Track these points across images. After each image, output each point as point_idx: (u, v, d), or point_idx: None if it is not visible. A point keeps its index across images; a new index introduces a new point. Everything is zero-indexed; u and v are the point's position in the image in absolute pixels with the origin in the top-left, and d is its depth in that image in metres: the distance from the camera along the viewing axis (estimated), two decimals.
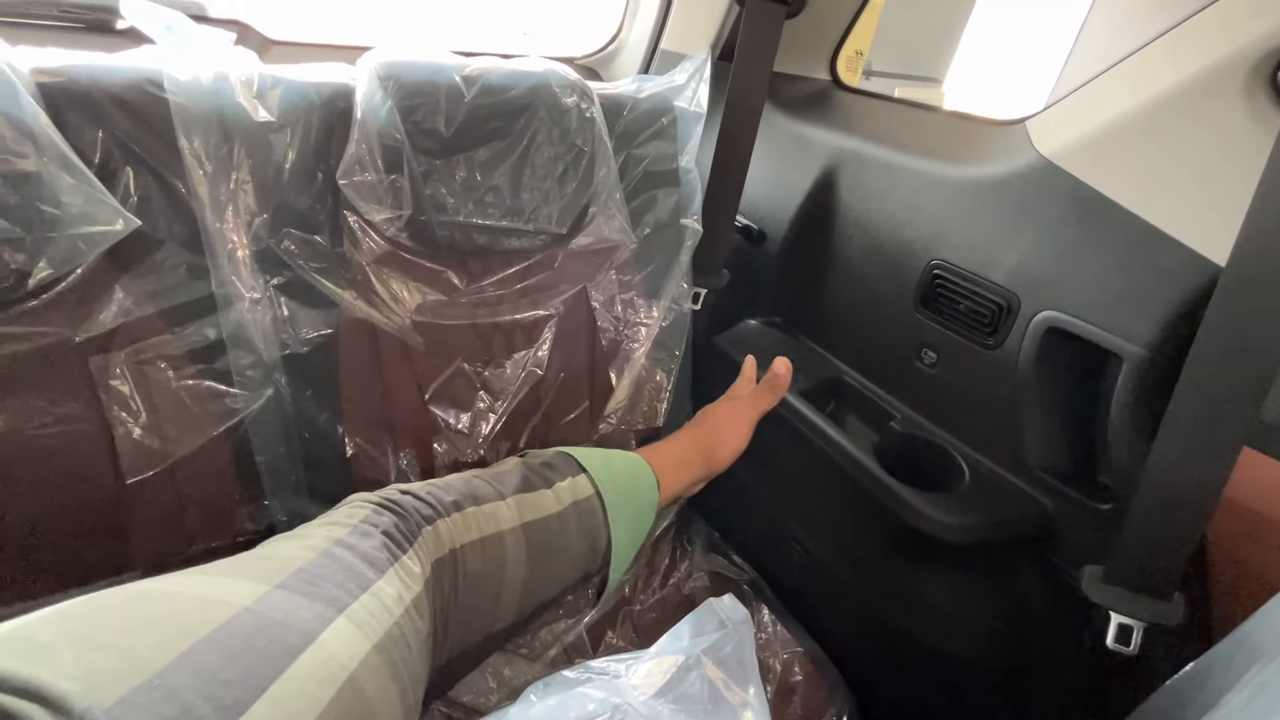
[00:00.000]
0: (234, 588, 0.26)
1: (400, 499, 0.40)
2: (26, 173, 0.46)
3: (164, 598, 0.25)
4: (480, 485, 0.45)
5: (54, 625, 0.21)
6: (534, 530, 0.45)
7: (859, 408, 0.79)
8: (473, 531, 0.41)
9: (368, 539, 0.34)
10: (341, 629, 0.26)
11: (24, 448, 0.52)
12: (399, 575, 0.33)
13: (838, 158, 0.77)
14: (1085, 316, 0.55)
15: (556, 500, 0.47)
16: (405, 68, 0.60)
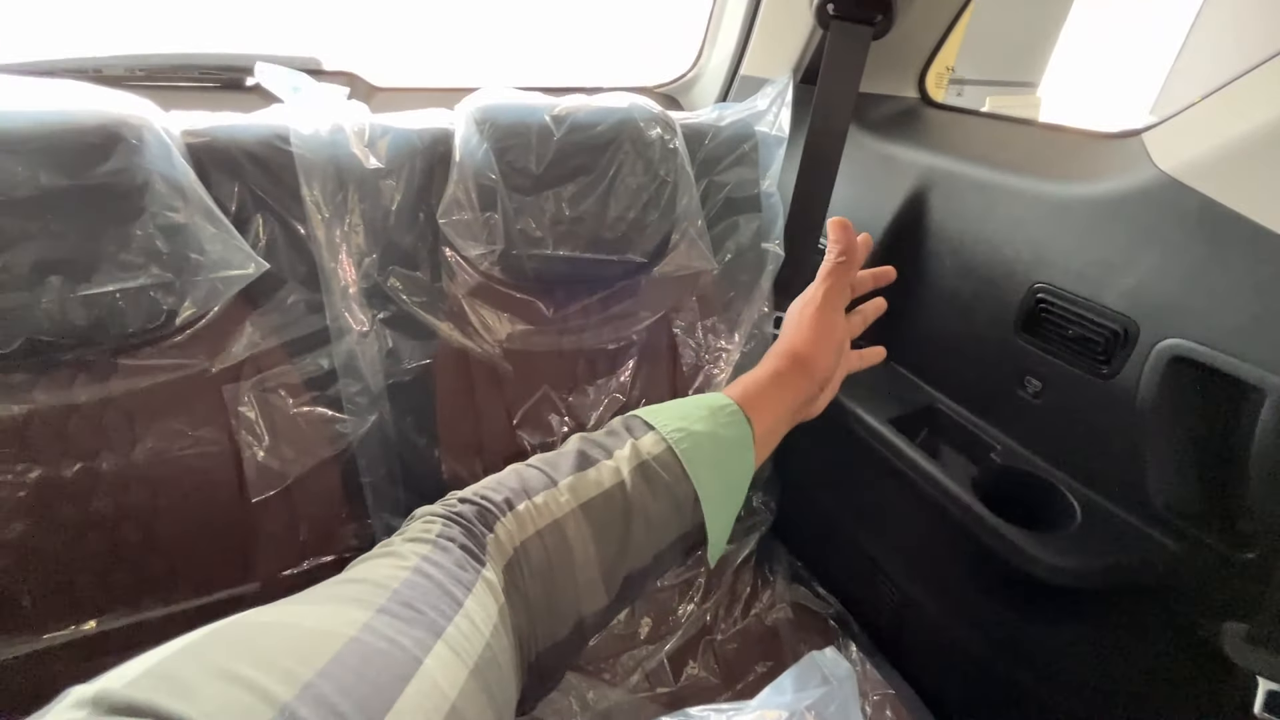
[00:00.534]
0: (340, 616, 0.28)
1: (462, 508, 0.40)
2: (178, 224, 0.51)
3: (282, 628, 0.27)
4: (532, 475, 0.43)
5: (193, 661, 0.24)
6: (594, 508, 0.42)
7: (955, 438, 0.75)
8: (528, 527, 0.40)
9: (448, 554, 0.35)
10: (441, 655, 0.28)
11: (169, 466, 0.58)
12: (483, 591, 0.34)
13: (928, 177, 0.75)
14: (1218, 345, 0.50)
15: (616, 470, 0.44)
16: (499, 111, 0.63)
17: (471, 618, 0.32)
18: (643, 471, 0.44)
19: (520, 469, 0.45)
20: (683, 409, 0.48)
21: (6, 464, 0.53)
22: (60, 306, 0.49)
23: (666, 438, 0.45)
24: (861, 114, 0.83)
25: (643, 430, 0.46)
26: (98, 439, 0.56)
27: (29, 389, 0.53)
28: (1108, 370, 0.58)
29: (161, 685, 0.21)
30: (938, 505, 0.67)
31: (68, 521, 0.56)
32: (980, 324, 0.70)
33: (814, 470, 0.91)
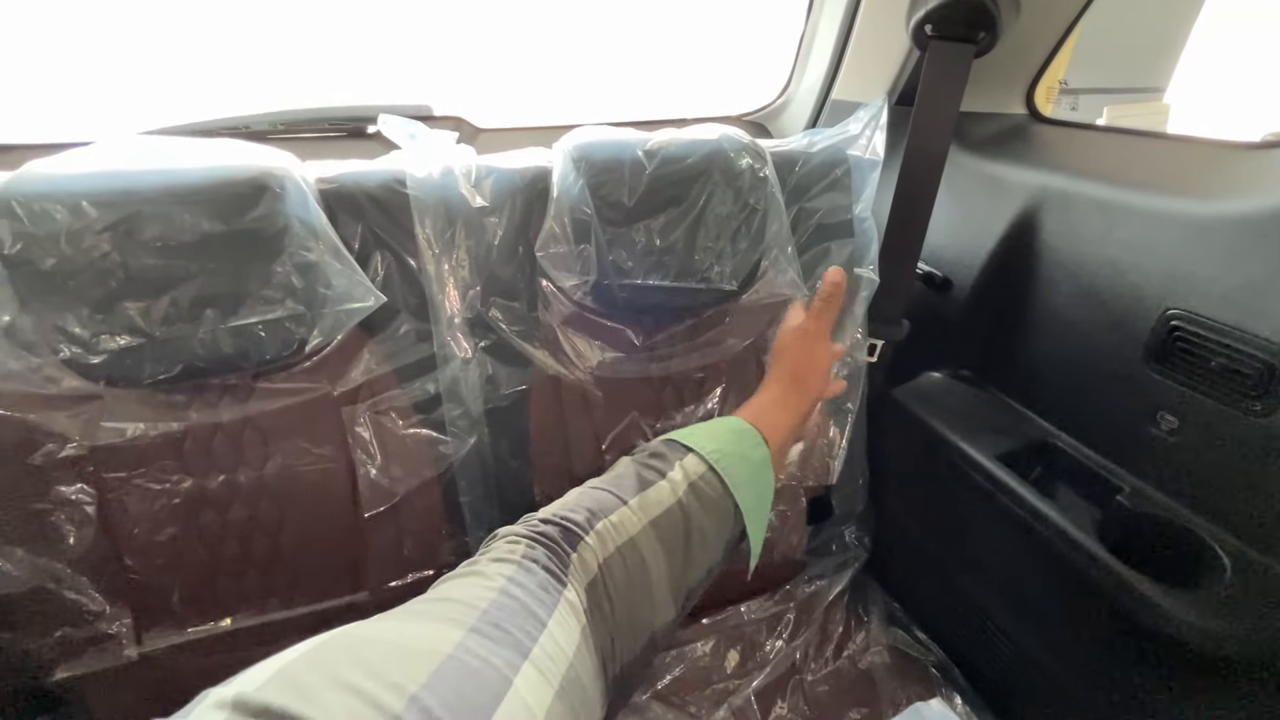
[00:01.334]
0: (436, 634, 0.29)
1: (545, 529, 0.42)
2: (311, 262, 0.57)
3: (385, 643, 0.29)
4: (602, 496, 0.47)
5: (313, 668, 0.26)
6: (662, 525, 0.46)
7: (1074, 477, 0.69)
8: (609, 545, 0.43)
9: (532, 575, 0.37)
10: (529, 676, 0.29)
11: (294, 481, 0.64)
12: (565, 612, 0.36)
13: (1038, 197, 0.70)
14: None
15: (673, 490, 0.48)
16: (594, 148, 0.66)
17: (555, 639, 0.33)
18: (694, 490, 0.48)
19: (588, 490, 0.48)
20: (710, 432, 0.53)
21: (165, 474, 0.60)
22: (213, 336, 0.56)
23: (707, 458, 0.50)
24: (962, 134, 0.79)
25: (683, 452, 0.51)
26: (237, 454, 0.62)
27: (185, 408, 0.60)
28: (1260, 407, 0.52)
29: (289, 690, 0.24)
30: (1055, 551, 0.62)
31: (210, 528, 0.62)
32: (1103, 354, 0.64)
33: (911, 506, 0.87)
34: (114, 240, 0.52)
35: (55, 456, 0.57)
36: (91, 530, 0.59)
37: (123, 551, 0.61)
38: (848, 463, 0.81)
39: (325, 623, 0.66)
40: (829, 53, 0.87)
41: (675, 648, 0.79)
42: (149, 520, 0.60)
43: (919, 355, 0.85)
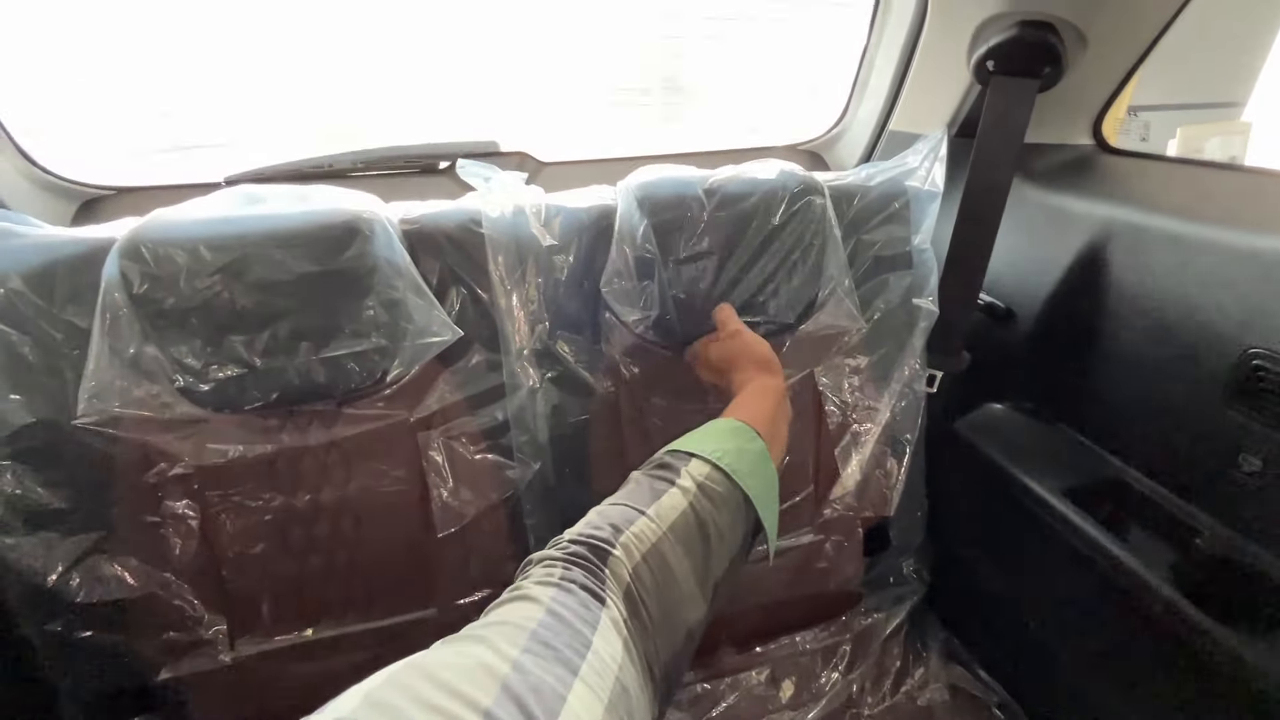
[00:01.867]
0: (496, 654, 0.32)
1: (576, 549, 0.44)
2: (396, 299, 0.61)
3: (454, 665, 0.32)
4: (621, 511, 0.49)
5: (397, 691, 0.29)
6: (679, 528, 0.48)
7: (1147, 518, 0.66)
8: (634, 555, 0.45)
9: (573, 596, 0.39)
10: (580, 693, 0.31)
11: (373, 501, 0.68)
12: (607, 628, 0.38)
13: (1106, 230, 0.69)
14: None
15: (684, 494, 0.50)
16: (656, 187, 0.68)
17: (600, 654, 0.36)
18: (704, 490, 0.51)
19: (606, 507, 0.51)
20: (706, 435, 0.57)
21: (259, 492, 0.65)
22: (307, 367, 0.61)
23: (709, 458, 0.53)
24: (1026, 165, 0.79)
25: (686, 458, 0.54)
26: (322, 475, 0.67)
27: (278, 432, 0.65)
28: None
29: (380, 712, 0.26)
30: (1127, 594, 0.60)
31: (297, 543, 0.67)
32: (1178, 393, 0.62)
33: (972, 540, 0.85)
34: (224, 281, 0.58)
35: (166, 475, 0.62)
36: (195, 543, 0.64)
37: (220, 563, 0.66)
38: (906, 494, 0.81)
39: (397, 636, 0.70)
40: (887, 84, 0.88)
41: (729, 675, 0.79)
42: (243, 535, 0.66)
43: (980, 387, 0.84)
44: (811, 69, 1.11)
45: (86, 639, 0.61)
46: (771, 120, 1.12)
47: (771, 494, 0.55)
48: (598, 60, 1.25)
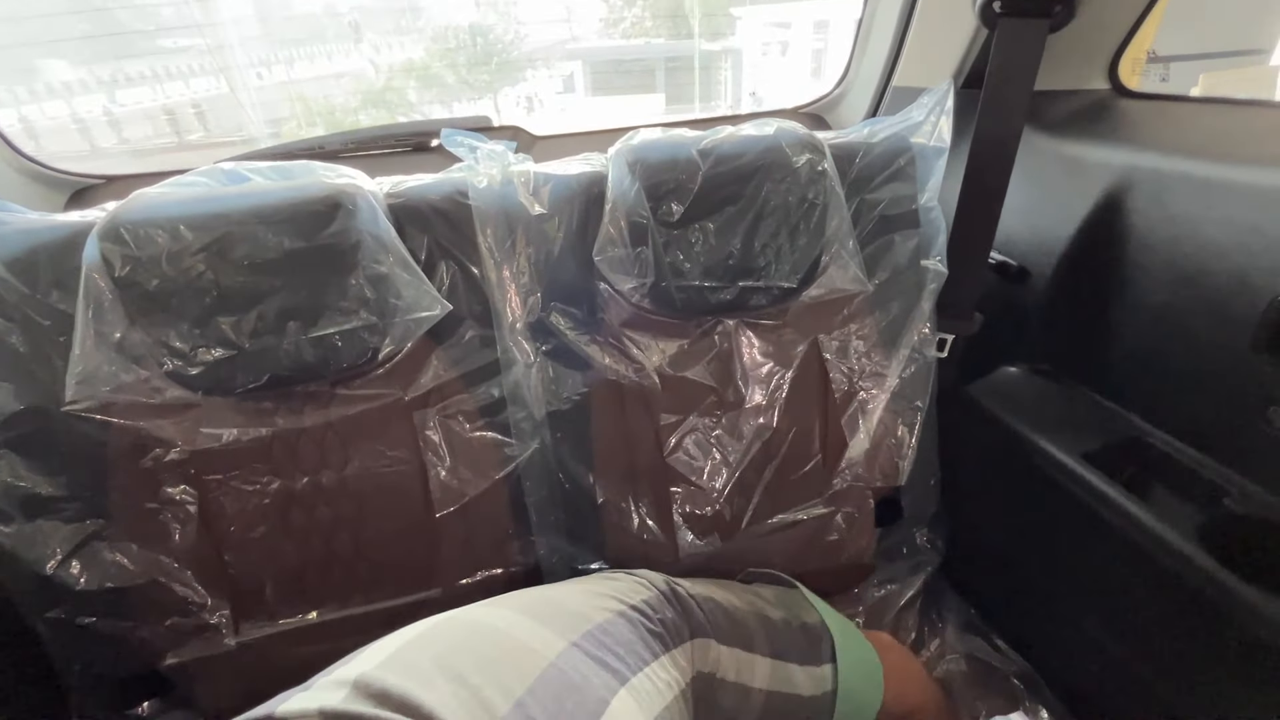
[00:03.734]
0: (542, 638, 0.30)
1: (685, 598, 0.43)
2: (382, 274, 0.60)
3: (494, 632, 0.30)
4: (753, 627, 0.47)
5: (426, 651, 0.27)
6: (775, 700, 0.46)
7: (1172, 478, 0.63)
8: (731, 672, 0.43)
9: (649, 621, 0.37)
10: (625, 700, 0.29)
11: (371, 482, 0.67)
12: (671, 664, 0.35)
13: (1125, 178, 0.65)
14: None
15: (804, 684, 0.48)
16: (648, 149, 0.66)
17: (654, 680, 0.33)
18: (813, 703, 0.47)
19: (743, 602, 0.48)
20: (863, 660, 0.51)
21: (256, 476, 0.64)
22: (296, 347, 0.60)
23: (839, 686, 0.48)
24: (1037, 114, 0.75)
25: (827, 657, 0.49)
26: (320, 457, 0.66)
27: (272, 415, 0.64)
28: None
29: (405, 672, 0.25)
30: (1152, 558, 0.57)
31: (298, 526, 0.67)
32: (1203, 345, 0.59)
33: (987, 508, 0.82)
34: (208, 260, 0.56)
35: (162, 460, 0.62)
36: (194, 527, 0.64)
37: (221, 547, 0.65)
38: (918, 463, 0.78)
39: (402, 618, 0.68)
40: (889, 38, 0.84)
41: None
42: (243, 518, 0.65)
43: (993, 349, 0.80)
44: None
45: (89, 626, 0.61)
46: (771, 87, 1.08)
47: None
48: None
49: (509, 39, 3.82)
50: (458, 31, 3.66)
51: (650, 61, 3.96)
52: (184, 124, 2.54)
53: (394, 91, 3.33)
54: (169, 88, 2.48)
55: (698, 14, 3.82)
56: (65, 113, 2.20)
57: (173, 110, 2.54)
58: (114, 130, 2.32)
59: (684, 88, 3.84)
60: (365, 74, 3.17)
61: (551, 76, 3.89)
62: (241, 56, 2.64)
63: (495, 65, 3.77)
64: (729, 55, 3.88)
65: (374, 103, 3.23)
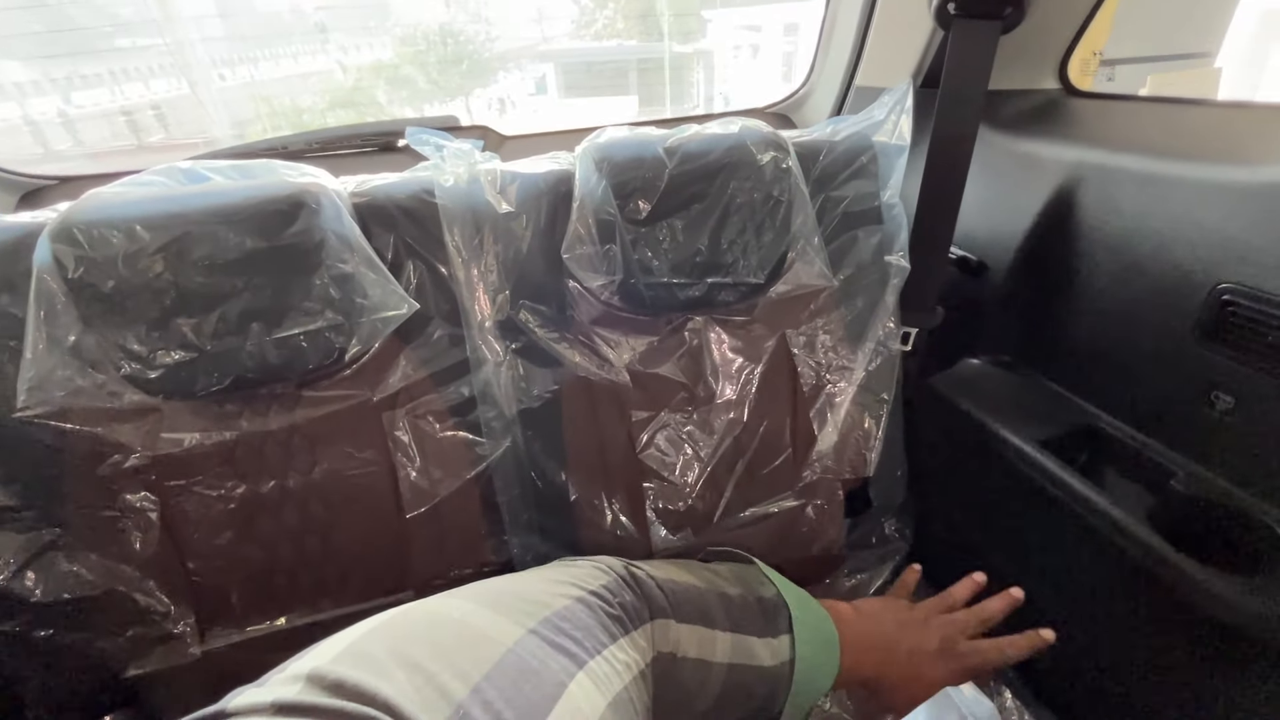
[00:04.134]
0: (499, 626, 0.30)
1: (645, 581, 0.44)
2: (347, 274, 0.59)
3: (451, 622, 0.30)
4: (712, 604, 0.48)
5: (381, 642, 0.27)
6: (736, 673, 0.47)
7: (1123, 462, 0.66)
8: (693, 649, 0.44)
9: (607, 605, 0.37)
10: (583, 683, 0.30)
11: (340, 485, 0.66)
12: (631, 645, 0.36)
13: (1075, 173, 0.68)
14: None
15: (763, 655, 0.49)
16: (615, 147, 0.66)
17: (613, 662, 0.34)
18: (764, 674, 0.48)
19: (700, 581, 0.49)
20: (819, 631, 0.52)
21: (220, 480, 0.63)
22: (260, 348, 0.59)
23: (796, 661, 0.49)
24: (992, 113, 0.77)
25: (785, 630, 0.50)
26: (287, 461, 0.65)
27: (236, 418, 0.63)
28: None
29: (361, 664, 0.25)
30: (1105, 539, 0.60)
31: (264, 531, 0.65)
32: (1151, 333, 0.62)
33: (952, 496, 0.85)
34: (166, 261, 0.55)
35: (121, 466, 0.60)
36: (156, 535, 0.62)
37: (185, 555, 0.64)
38: (885, 454, 0.80)
39: None
40: (851, 39, 0.86)
41: None
42: (207, 525, 0.64)
43: (956, 342, 0.83)
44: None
45: (47, 638, 0.60)
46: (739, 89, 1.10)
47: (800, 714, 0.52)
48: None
49: (480, 40, 3.81)
50: (428, 32, 3.63)
51: (623, 63, 3.98)
52: (143, 126, 2.47)
53: (362, 92, 3.29)
54: (127, 89, 2.42)
55: (669, 16, 3.84)
56: (17, 114, 2.12)
57: (131, 111, 2.47)
58: (69, 132, 2.25)
59: (656, 89, 3.86)
60: (333, 75, 3.13)
61: (523, 78, 3.89)
62: (204, 56, 2.58)
63: (466, 67, 3.75)
64: (700, 57, 3.92)
65: (342, 104, 3.19)
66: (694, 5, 3.91)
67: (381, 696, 0.23)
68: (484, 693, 0.25)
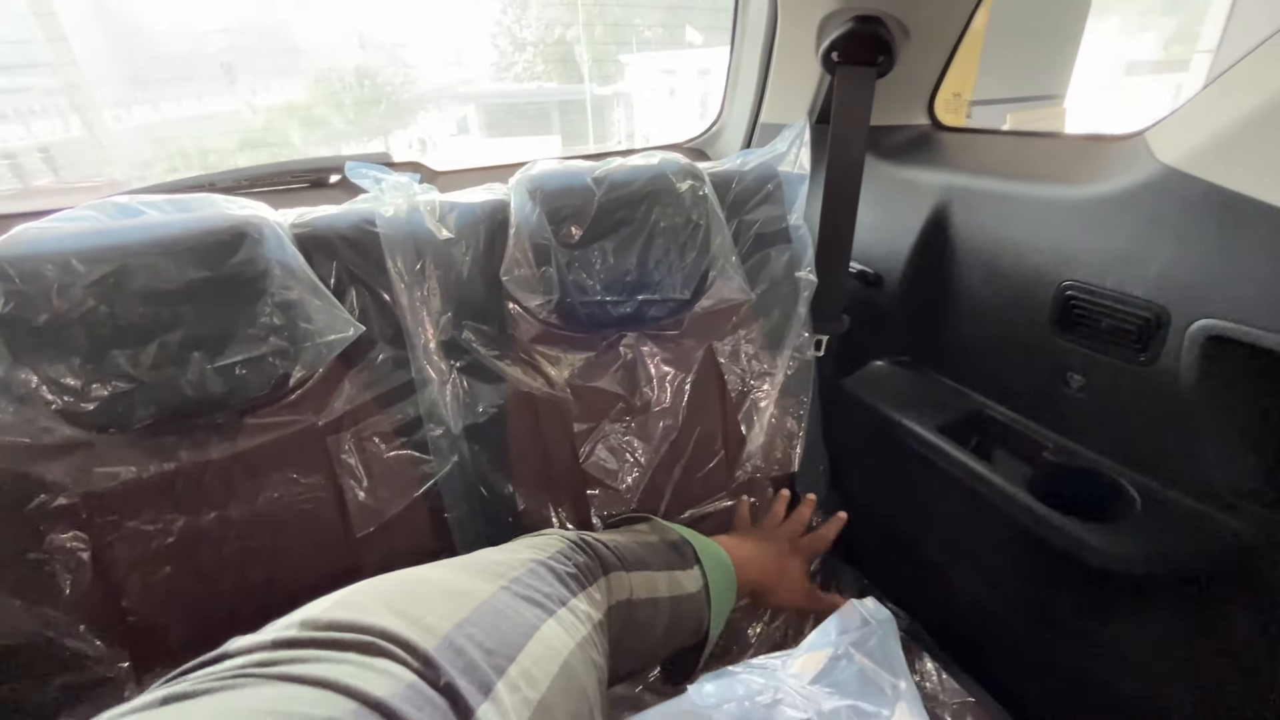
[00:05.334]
0: (473, 583, 0.34)
1: (594, 544, 0.48)
2: (291, 300, 0.61)
3: (430, 583, 0.33)
4: (642, 552, 0.55)
5: (368, 595, 0.30)
6: (675, 603, 0.54)
7: (1006, 440, 0.76)
8: (643, 591, 0.50)
9: (564, 566, 0.42)
10: (553, 627, 0.34)
11: (286, 511, 0.66)
12: (588, 600, 0.40)
13: (946, 195, 0.79)
14: (1250, 321, 0.52)
15: (687, 584, 0.57)
16: (547, 178, 0.72)
17: (576, 612, 0.38)
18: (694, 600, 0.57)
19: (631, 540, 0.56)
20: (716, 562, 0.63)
21: (158, 514, 0.62)
22: (200, 377, 0.59)
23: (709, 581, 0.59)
24: (876, 145, 0.88)
25: (695, 562, 0.59)
26: (228, 490, 0.65)
27: (175, 449, 0.62)
28: (1145, 358, 0.60)
29: (350, 608, 0.28)
30: (995, 507, 0.69)
31: (206, 564, 0.64)
32: (1016, 327, 0.72)
33: (869, 485, 0.93)
34: (101, 293, 0.55)
35: (49, 506, 0.59)
36: (87, 576, 0.60)
37: (119, 595, 0.62)
38: (808, 451, 0.87)
39: None
40: (754, 81, 0.96)
41: None
42: (144, 562, 0.62)
43: (863, 347, 0.92)
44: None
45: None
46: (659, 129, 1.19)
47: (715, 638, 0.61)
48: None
49: (398, 81, 3.82)
50: (343, 73, 3.61)
51: (545, 104, 4.09)
52: (30, 169, 2.33)
53: (274, 132, 3.22)
54: (5, 131, 2.28)
55: (588, 60, 4.01)
56: None
57: (14, 154, 2.33)
58: None
59: (579, 127, 3.99)
60: (241, 115, 3.05)
61: (445, 119, 3.92)
62: (97, 97, 2.47)
63: (384, 108, 3.75)
64: (620, 98, 4.09)
65: (253, 144, 3.11)
66: (611, 51, 4.09)
67: (378, 627, 0.26)
68: (465, 629, 0.29)
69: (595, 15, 3.96)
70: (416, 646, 0.26)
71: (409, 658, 0.26)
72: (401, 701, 0.23)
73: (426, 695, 0.24)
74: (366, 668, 0.24)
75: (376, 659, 0.25)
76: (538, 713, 0.28)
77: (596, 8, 3.93)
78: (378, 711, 0.22)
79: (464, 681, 0.26)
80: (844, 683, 0.34)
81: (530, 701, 0.28)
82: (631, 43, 4.14)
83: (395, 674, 0.25)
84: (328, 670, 0.24)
